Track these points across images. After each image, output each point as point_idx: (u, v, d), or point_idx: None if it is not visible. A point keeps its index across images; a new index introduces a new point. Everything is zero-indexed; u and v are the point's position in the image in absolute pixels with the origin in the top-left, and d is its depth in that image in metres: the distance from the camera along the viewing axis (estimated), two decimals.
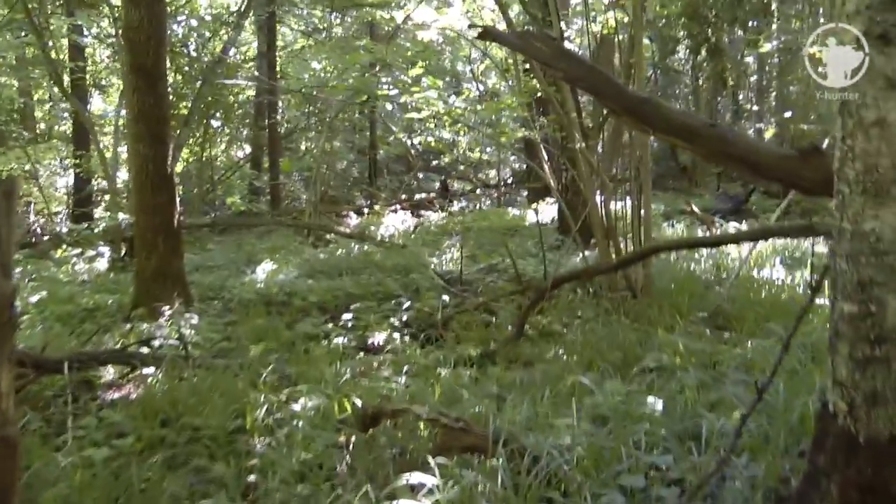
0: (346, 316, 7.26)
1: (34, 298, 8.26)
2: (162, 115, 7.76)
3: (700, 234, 11.82)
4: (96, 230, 11.14)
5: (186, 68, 15.22)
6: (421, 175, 24.69)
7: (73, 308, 7.84)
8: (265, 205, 22.03)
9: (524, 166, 23.17)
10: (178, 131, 11.88)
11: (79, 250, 11.67)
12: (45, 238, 14.16)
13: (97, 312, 7.78)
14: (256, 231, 15.54)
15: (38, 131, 22.60)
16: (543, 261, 8.34)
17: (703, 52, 15.91)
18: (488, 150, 25.37)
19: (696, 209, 12.96)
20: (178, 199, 8.00)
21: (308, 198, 15.29)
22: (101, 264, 11.28)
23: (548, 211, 15.63)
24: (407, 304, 7.52)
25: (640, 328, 6.07)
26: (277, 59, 22.27)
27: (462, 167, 24.13)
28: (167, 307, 7.44)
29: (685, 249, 8.05)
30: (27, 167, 18.47)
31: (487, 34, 3.95)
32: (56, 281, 9.58)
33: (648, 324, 6.22)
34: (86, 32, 14.61)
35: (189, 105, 12.69)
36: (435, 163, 25.74)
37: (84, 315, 7.72)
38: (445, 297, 7.71)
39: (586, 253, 8.85)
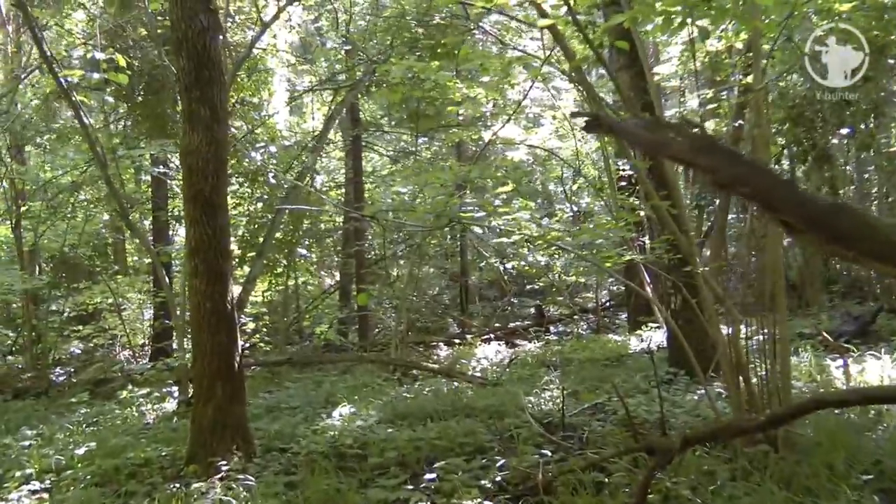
0: (429, 476, 6.13)
1: (81, 450, 7.39)
2: (221, 248, 6.96)
3: (831, 363, 10.32)
4: (164, 369, 10.39)
5: (266, 196, 14.75)
6: (514, 300, 23.67)
7: (121, 462, 6.93)
8: (354, 334, 21.34)
9: (622, 288, 21.92)
10: (253, 263, 11.26)
11: (146, 390, 10.91)
12: (119, 374, 13.50)
13: (147, 468, 6.84)
14: (341, 365, 14.68)
15: (128, 263, 22.63)
16: (660, 403, 7.09)
17: (810, 160, 14.66)
18: (584, 272, 24.31)
19: (826, 335, 11.49)
20: (239, 340, 7.13)
21: (395, 329, 14.36)
22: (170, 405, 10.48)
23: (653, 337, 14.36)
24: (501, 461, 6.35)
25: (794, 499, 4.79)
26: (365, 184, 21.98)
27: (555, 290, 22.92)
28: (224, 462, 6.49)
29: (860, 405, 6.48)
30: (110, 300, 18.28)
31: (600, 124, 2.92)
32: (112, 428, 8.75)
33: (804, 491, 4.92)
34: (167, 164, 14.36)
35: (265, 235, 12.08)
36: (528, 287, 24.75)
37: (132, 470, 6.80)
38: (546, 451, 6.52)
39: (707, 390, 7.62)
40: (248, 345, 19.82)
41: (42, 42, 9.38)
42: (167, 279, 10.95)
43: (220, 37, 7.41)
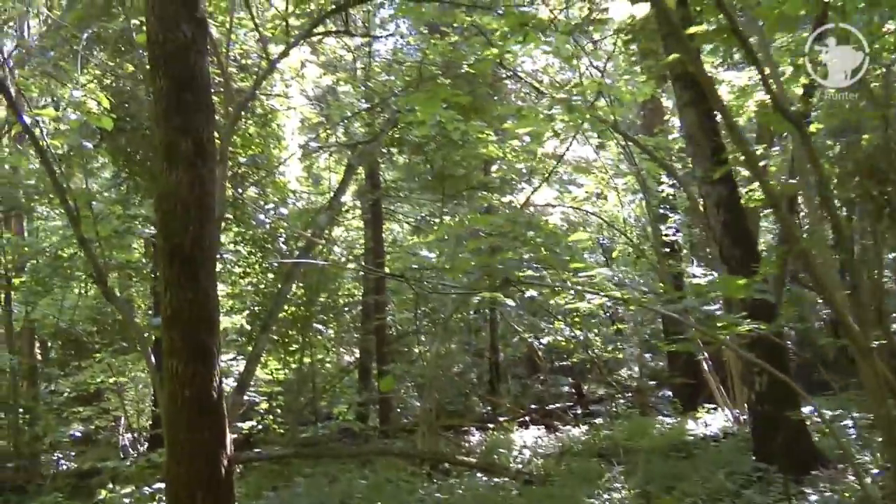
0: None
1: None
2: (205, 319, 5.38)
3: None
4: (148, 466, 8.78)
5: (276, 264, 13.26)
6: (547, 379, 21.76)
7: None
8: (375, 417, 19.59)
9: (660, 364, 20.04)
10: (257, 338, 9.73)
11: (130, 488, 9.24)
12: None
13: None
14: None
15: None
16: None
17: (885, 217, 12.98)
18: (622, 346, 22.44)
19: None
20: (228, 436, 5.50)
21: (421, 414, 12.67)
22: None
23: (712, 420, 12.62)
24: None
25: None
26: (386, 255, 20.53)
27: (590, 367, 21.00)
28: None
29: None
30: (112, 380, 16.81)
31: None
32: None
33: None
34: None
35: (272, 305, 10.55)
36: (559, 364, 22.71)
37: None
38: None
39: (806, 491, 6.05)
40: (259, 426, 18.22)
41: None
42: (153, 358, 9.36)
43: (208, 55, 5.96)
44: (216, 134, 6.23)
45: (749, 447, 9.67)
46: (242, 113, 10.63)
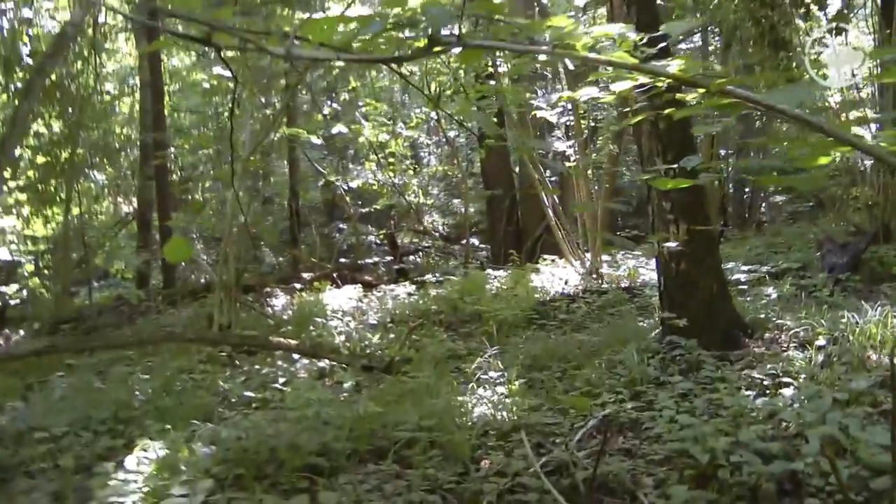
0: None
1: None
2: None
3: None
4: None
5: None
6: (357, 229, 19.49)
7: None
8: (159, 275, 16.99)
9: (471, 210, 18.17)
10: None
11: None
12: None
13: None
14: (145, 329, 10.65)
15: None
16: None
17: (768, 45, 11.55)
18: (435, 191, 20.54)
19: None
20: None
21: (216, 276, 10.25)
22: None
23: (564, 275, 11.05)
24: None
25: None
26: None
27: (407, 214, 18.86)
28: None
29: None
30: None
31: None
32: None
33: None
34: None
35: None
36: (364, 210, 20.39)
37: None
38: None
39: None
40: (23, 292, 15.30)
41: None
42: None
43: None
44: None
45: (634, 311, 8.11)
46: None
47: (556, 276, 10.94)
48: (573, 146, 11.29)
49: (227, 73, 8.90)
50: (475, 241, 17.98)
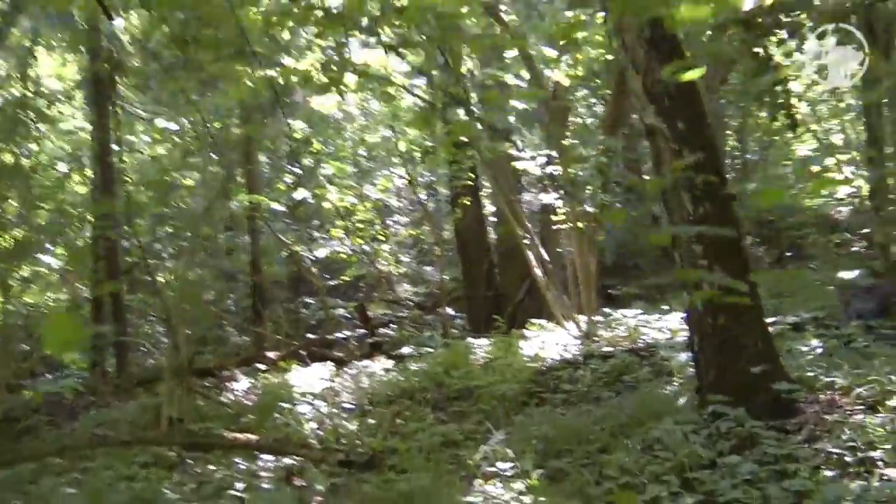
0: None
1: None
2: None
3: None
4: None
5: None
6: (313, 302, 18.25)
7: None
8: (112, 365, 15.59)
9: (446, 278, 16.99)
10: None
11: None
12: None
13: None
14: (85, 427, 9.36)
15: None
16: None
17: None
18: (406, 258, 19.45)
19: None
20: None
21: (167, 361, 9.04)
22: None
23: (559, 339, 9.92)
24: None
25: None
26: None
27: (376, 285, 17.72)
28: None
29: None
30: None
31: None
32: None
33: None
34: None
35: None
36: (332, 283, 19.11)
37: None
38: None
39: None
40: None
41: None
42: None
43: None
44: None
45: (651, 376, 7.00)
46: None
47: (549, 341, 9.82)
48: (560, 197, 10.28)
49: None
50: (450, 310, 16.88)
